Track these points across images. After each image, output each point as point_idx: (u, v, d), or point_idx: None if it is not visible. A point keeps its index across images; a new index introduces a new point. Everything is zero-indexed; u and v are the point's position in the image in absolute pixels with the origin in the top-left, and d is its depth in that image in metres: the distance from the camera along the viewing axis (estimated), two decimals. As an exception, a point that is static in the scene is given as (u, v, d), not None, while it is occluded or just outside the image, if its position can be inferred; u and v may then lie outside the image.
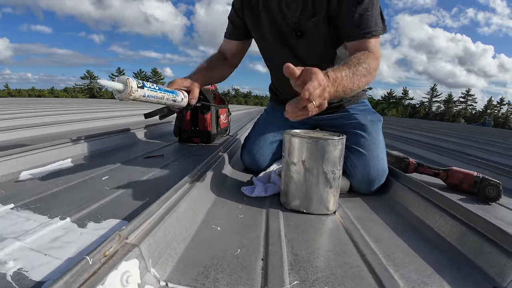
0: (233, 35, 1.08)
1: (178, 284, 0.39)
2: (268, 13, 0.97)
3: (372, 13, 0.80)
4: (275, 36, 0.99)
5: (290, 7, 0.92)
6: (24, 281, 0.39)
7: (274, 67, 1.12)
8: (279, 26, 0.97)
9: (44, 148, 1.02)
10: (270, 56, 1.09)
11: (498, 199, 0.89)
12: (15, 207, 0.64)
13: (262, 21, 0.99)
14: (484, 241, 0.50)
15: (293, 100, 0.57)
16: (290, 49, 0.99)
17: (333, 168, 0.68)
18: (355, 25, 0.81)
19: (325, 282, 0.42)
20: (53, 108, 3.80)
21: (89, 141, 1.24)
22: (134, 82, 0.63)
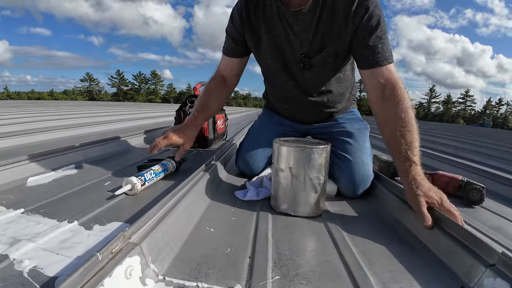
0: (233, 52, 1.02)
1: (174, 278, 0.45)
2: (272, 38, 0.94)
3: (386, 41, 0.82)
4: (278, 63, 0.98)
5: (298, 37, 0.90)
6: (39, 277, 0.44)
7: (273, 84, 1.13)
8: (284, 55, 0.96)
9: (49, 155, 1.08)
10: (270, 75, 1.09)
11: (481, 203, 0.93)
12: (25, 212, 0.69)
13: (263, 44, 0.96)
14: (455, 243, 0.54)
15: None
16: (293, 76, 1.00)
17: (318, 174, 0.74)
18: (371, 54, 0.82)
19: (303, 278, 0.48)
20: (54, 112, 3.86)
21: (91, 148, 1.30)
22: (139, 183, 0.85)
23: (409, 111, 0.76)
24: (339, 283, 0.47)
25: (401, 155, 0.72)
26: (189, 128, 1.03)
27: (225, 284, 0.44)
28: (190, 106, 1.54)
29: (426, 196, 0.66)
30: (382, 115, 0.81)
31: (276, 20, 0.90)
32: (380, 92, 0.82)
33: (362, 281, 0.47)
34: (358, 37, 0.83)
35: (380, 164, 1.25)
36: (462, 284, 0.47)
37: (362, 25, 0.81)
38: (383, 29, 0.81)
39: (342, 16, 0.83)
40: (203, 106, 1.05)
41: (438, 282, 0.49)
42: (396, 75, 0.82)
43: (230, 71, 1.07)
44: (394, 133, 0.74)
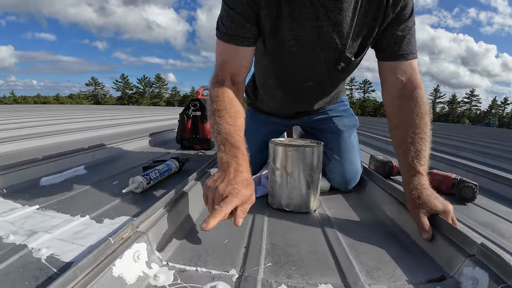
0: (244, 36, 0.72)
1: (176, 263, 0.50)
2: (295, 28, 0.74)
3: (414, 33, 0.76)
4: (297, 60, 0.81)
5: (336, 29, 0.74)
6: (56, 263, 0.50)
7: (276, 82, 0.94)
8: (312, 50, 0.79)
9: (60, 156, 1.14)
10: (278, 70, 0.89)
11: (473, 200, 0.96)
12: (40, 208, 0.76)
13: (281, 33, 0.76)
14: (438, 235, 0.56)
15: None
16: (316, 76, 0.87)
17: (311, 172, 0.79)
18: (398, 44, 0.74)
19: (293, 264, 0.53)
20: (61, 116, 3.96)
21: (98, 150, 1.37)
22: (145, 182, 0.90)
23: (425, 117, 0.70)
24: (325, 270, 0.52)
25: (407, 164, 0.68)
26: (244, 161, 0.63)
27: (221, 269, 0.49)
28: (193, 109, 1.60)
29: (427, 205, 0.61)
30: (396, 118, 0.75)
31: (306, 2, 0.70)
32: (398, 91, 0.76)
33: (347, 268, 0.51)
34: (390, 25, 0.74)
35: (376, 164, 1.29)
36: (443, 273, 0.50)
37: (397, 13, 0.72)
38: (413, 20, 0.74)
39: (380, 5, 0.72)
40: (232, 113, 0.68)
41: (420, 271, 0.51)
42: (419, 75, 0.75)
43: (240, 69, 0.76)
44: (404, 139, 0.70)
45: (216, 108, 0.68)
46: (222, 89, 0.71)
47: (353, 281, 0.47)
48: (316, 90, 0.93)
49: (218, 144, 0.65)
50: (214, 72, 0.75)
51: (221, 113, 0.67)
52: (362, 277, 0.49)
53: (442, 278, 0.49)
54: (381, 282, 0.48)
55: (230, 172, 0.58)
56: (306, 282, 0.48)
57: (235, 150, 0.62)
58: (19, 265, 0.48)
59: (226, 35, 0.72)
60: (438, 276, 0.50)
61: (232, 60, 0.74)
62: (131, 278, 0.42)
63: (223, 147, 0.63)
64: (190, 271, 0.48)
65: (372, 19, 0.74)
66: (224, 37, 0.73)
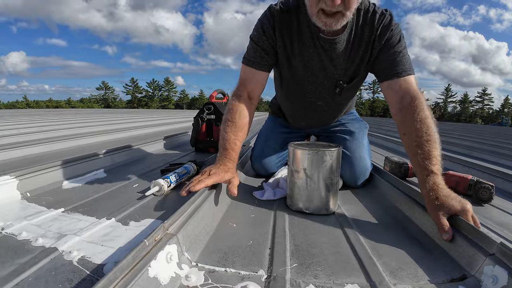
0: (263, 63, 0.96)
1: (205, 264, 0.52)
2: (303, 61, 0.96)
3: (406, 55, 0.88)
4: (307, 86, 1.02)
5: (333, 63, 0.95)
6: (88, 265, 0.51)
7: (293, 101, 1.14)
8: (316, 79, 0.99)
9: (80, 160, 1.18)
10: (295, 94, 1.09)
11: (490, 201, 0.96)
12: (65, 211, 0.78)
13: (294, 66, 0.98)
14: (458, 236, 0.57)
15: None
16: (324, 99, 1.06)
17: (331, 174, 0.80)
18: (390, 66, 0.87)
19: (318, 265, 0.54)
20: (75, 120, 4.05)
21: (116, 153, 1.40)
22: (166, 185, 0.93)
23: (426, 121, 0.77)
24: (350, 270, 0.53)
25: (419, 165, 0.73)
26: (230, 160, 0.85)
27: (249, 269, 0.51)
28: (207, 113, 1.63)
29: (445, 205, 0.63)
30: (402, 127, 0.83)
31: (310, 45, 0.92)
32: (398, 104, 0.85)
33: (370, 268, 0.53)
34: (380, 53, 0.90)
35: (392, 166, 1.29)
36: (464, 272, 0.51)
37: (384, 44, 0.88)
38: (402, 45, 0.88)
39: (368, 42, 0.90)
40: (238, 126, 0.90)
41: (441, 271, 0.53)
42: (415, 87, 0.85)
43: (256, 87, 0.98)
44: (411, 144, 0.77)
45: (227, 118, 0.91)
46: (238, 102, 0.93)
47: (379, 281, 0.48)
48: (324, 108, 1.10)
49: (219, 146, 0.89)
50: (236, 86, 0.98)
51: (230, 123, 0.89)
52: (387, 277, 0.50)
53: (463, 277, 0.50)
54: (405, 282, 0.49)
55: (218, 165, 0.82)
56: (333, 282, 0.49)
57: (228, 153, 0.86)
58: (51, 268, 0.49)
59: (249, 61, 0.96)
60: (459, 275, 0.51)
61: (251, 79, 0.97)
62: (165, 278, 0.44)
63: (221, 149, 0.87)
64: (219, 272, 0.50)
65: (363, 51, 0.92)
66: (247, 62, 0.96)
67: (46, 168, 1.01)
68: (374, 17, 0.88)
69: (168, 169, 1.14)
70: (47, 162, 1.03)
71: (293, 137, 1.28)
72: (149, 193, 0.88)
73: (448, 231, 0.60)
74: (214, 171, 0.79)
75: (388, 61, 0.88)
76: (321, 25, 0.81)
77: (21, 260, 0.51)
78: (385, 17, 0.88)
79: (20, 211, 0.76)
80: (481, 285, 0.47)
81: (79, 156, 1.19)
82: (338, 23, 0.80)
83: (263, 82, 0.99)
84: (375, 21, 0.88)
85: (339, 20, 0.79)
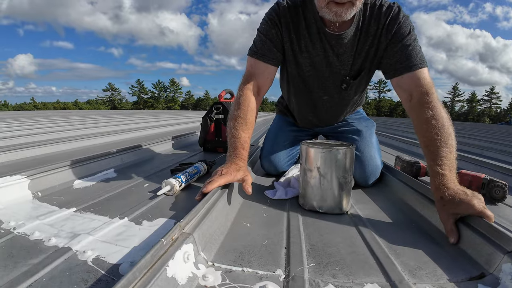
0: (272, 57, 0.93)
1: (221, 264, 0.51)
2: (310, 57, 0.96)
3: (416, 47, 0.84)
4: (314, 81, 1.01)
5: (339, 59, 0.94)
6: (103, 264, 0.51)
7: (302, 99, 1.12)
8: (322, 74, 0.99)
9: (91, 160, 1.18)
10: (301, 90, 1.08)
11: (504, 199, 0.94)
12: (77, 210, 0.77)
13: (300, 61, 0.97)
14: (475, 234, 0.57)
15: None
16: (330, 94, 1.05)
17: (344, 173, 0.78)
18: (399, 61, 0.84)
19: (336, 265, 0.53)
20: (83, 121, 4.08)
21: (126, 153, 1.40)
22: (177, 185, 0.92)
23: (435, 118, 0.74)
24: (368, 269, 0.51)
25: (428, 165, 0.73)
26: (241, 158, 0.83)
27: (267, 269, 0.50)
28: (216, 112, 1.62)
29: (450, 208, 0.62)
30: (414, 126, 0.81)
31: (316, 40, 0.91)
32: (408, 103, 0.83)
33: (389, 268, 0.51)
34: (388, 48, 0.87)
35: (403, 165, 1.27)
36: (482, 270, 0.50)
37: (392, 38, 0.86)
38: (412, 38, 0.84)
39: (375, 36, 0.88)
40: (248, 123, 0.87)
41: (460, 269, 0.52)
42: (426, 81, 0.81)
43: (265, 82, 0.95)
44: (421, 143, 0.76)
45: (237, 114, 0.87)
46: (247, 97, 0.90)
47: (398, 280, 0.47)
48: (331, 103, 1.09)
49: (229, 145, 0.86)
50: (244, 79, 0.94)
51: (240, 120, 0.86)
52: (406, 276, 0.49)
53: (482, 276, 0.49)
54: (425, 281, 0.48)
55: (229, 165, 0.80)
56: (352, 281, 0.48)
57: (238, 152, 0.83)
58: (65, 268, 0.49)
59: (257, 53, 0.93)
60: (478, 273, 0.50)
61: (259, 73, 0.94)
62: (182, 278, 0.43)
63: (231, 149, 0.84)
64: (236, 272, 0.49)
65: (369, 46, 0.90)
66: (255, 54, 0.93)
67: (57, 167, 1.01)
68: (380, 11, 0.87)
69: (178, 169, 1.14)
70: (57, 162, 1.04)
71: (302, 135, 1.28)
72: (161, 193, 0.87)
73: (453, 234, 0.60)
74: (225, 170, 0.78)
75: (396, 56, 0.85)
76: (331, 15, 0.80)
77: (34, 260, 0.51)
78: (393, 9, 0.86)
79: (31, 210, 0.76)
80: (499, 282, 0.47)
81: (89, 156, 1.19)
82: (348, 12, 0.79)
83: (271, 77, 0.96)
84: (381, 15, 0.86)
85: (349, 9, 0.78)
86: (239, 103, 0.88)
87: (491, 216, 0.58)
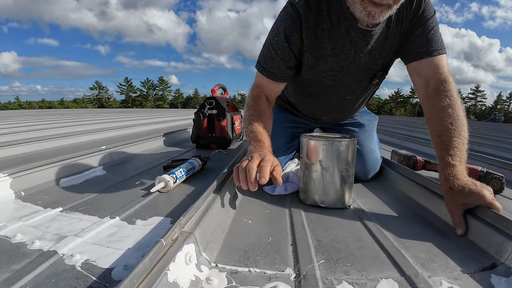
0: (282, 76, 0.88)
1: (225, 264, 0.47)
2: (338, 62, 0.86)
3: (437, 32, 0.79)
4: (340, 83, 0.92)
5: (371, 55, 0.85)
6: (94, 269, 0.45)
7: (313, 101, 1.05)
8: (351, 74, 0.89)
9: (78, 157, 1.12)
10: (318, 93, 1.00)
11: (501, 191, 0.94)
12: (64, 210, 0.72)
13: (325, 66, 0.87)
14: (483, 225, 0.56)
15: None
16: (353, 92, 0.97)
17: (347, 166, 0.76)
18: (420, 45, 0.79)
19: (346, 261, 0.50)
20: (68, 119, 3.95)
21: (115, 150, 1.34)
22: (172, 181, 0.88)
23: (451, 107, 0.72)
24: (380, 264, 0.49)
25: (439, 156, 0.70)
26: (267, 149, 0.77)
27: (275, 268, 0.46)
28: (209, 108, 1.57)
29: (460, 199, 0.61)
30: (426, 114, 0.78)
31: (346, 41, 0.81)
32: (424, 90, 0.80)
33: (402, 262, 0.49)
34: (410, 32, 0.81)
35: (400, 159, 1.26)
36: (494, 261, 0.49)
37: (418, 19, 0.79)
38: (434, 21, 0.79)
39: (404, 22, 0.80)
40: (263, 119, 0.85)
41: (471, 260, 0.50)
42: (445, 69, 0.78)
43: (273, 93, 0.94)
44: (433, 133, 0.74)
45: (252, 113, 0.85)
46: (258, 101, 0.88)
47: (414, 274, 0.45)
48: (351, 102, 1.03)
49: (249, 140, 0.80)
50: (253, 86, 0.92)
51: (256, 118, 0.84)
52: (419, 269, 0.47)
53: (494, 266, 0.48)
54: (439, 274, 0.46)
55: (257, 156, 0.70)
56: (366, 277, 0.45)
57: (261, 144, 0.77)
58: (51, 274, 0.44)
59: (266, 71, 0.87)
60: (489, 264, 0.49)
61: (268, 86, 0.91)
62: (185, 283, 0.39)
63: (253, 142, 0.78)
64: (242, 272, 0.45)
65: (398, 34, 0.82)
66: (264, 72, 0.88)
67: (41, 165, 0.95)
68: None
69: (171, 165, 1.09)
70: (42, 160, 0.98)
71: (300, 131, 1.23)
72: (154, 190, 0.83)
73: (461, 225, 0.59)
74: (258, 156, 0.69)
75: (417, 40, 0.79)
76: (363, 14, 0.71)
77: (16, 266, 0.46)
78: None
79: (14, 211, 0.70)
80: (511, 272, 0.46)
81: (76, 153, 1.13)
82: (382, 15, 0.70)
83: (280, 89, 0.94)
84: (413, 2, 0.78)
85: (384, 11, 0.69)
86: (251, 105, 0.87)
87: (500, 207, 0.57)
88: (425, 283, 0.42)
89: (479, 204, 0.59)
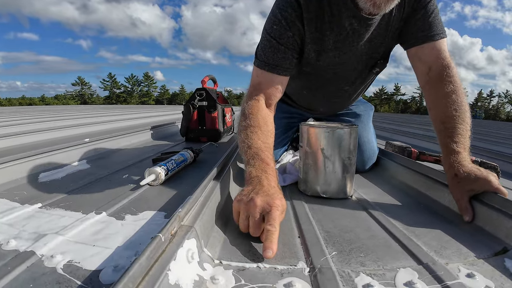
0: (287, 67, 0.77)
1: (230, 261, 0.42)
2: (341, 55, 0.81)
3: (437, 16, 0.76)
4: (340, 74, 0.88)
5: (372, 43, 0.80)
6: (78, 272, 0.39)
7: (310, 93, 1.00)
8: (353, 65, 0.85)
9: (60, 150, 1.04)
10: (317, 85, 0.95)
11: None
12: (43, 206, 0.65)
13: (326, 59, 0.81)
14: (491, 210, 0.55)
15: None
16: (353, 83, 0.93)
17: (349, 154, 0.72)
18: (420, 29, 0.75)
19: (360, 251, 0.46)
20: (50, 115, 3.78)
21: (100, 143, 1.27)
22: (163, 173, 0.82)
23: (455, 94, 0.70)
24: (395, 254, 0.46)
25: (442, 143, 0.69)
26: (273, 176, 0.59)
27: (285, 263, 0.42)
28: (199, 99, 1.51)
29: (465, 185, 0.60)
30: (428, 101, 0.77)
31: (348, 32, 0.76)
32: (426, 76, 0.77)
33: (416, 250, 0.47)
34: (410, 17, 0.77)
35: (394, 150, 1.26)
36: (504, 245, 0.48)
37: (418, 2, 0.74)
38: (434, 4, 0.75)
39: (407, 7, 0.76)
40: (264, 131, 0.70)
41: (483, 246, 0.49)
42: (447, 54, 0.75)
43: (275, 93, 0.79)
44: (436, 119, 0.72)
45: (249, 123, 0.69)
46: (257, 107, 0.73)
47: (431, 262, 0.43)
48: (349, 92, 0.98)
49: (247, 159, 0.63)
50: (249, 90, 0.78)
51: (255, 129, 0.68)
52: (434, 257, 0.45)
53: (506, 250, 0.47)
54: (454, 260, 0.45)
55: (263, 185, 0.54)
56: (383, 268, 0.42)
57: (264, 165, 0.60)
58: (28, 278, 0.38)
59: (268, 64, 0.75)
60: (500, 248, 0.48)
61: (269, 84, 0.77)
62: (188, 284, 0.34)
63: (253, 162, 0.61)
64: (251, 269, 0.40)
65: (401, 19, 0.77)
66: (265, 66, 0.76)
67: (18, 158, 0.87)
68: None
69: (161, 158, 1.03)
70: (19, 153, 0.90)
71: (294, 121, 1.20)
72: (144, 183, 0.77)
73: (468, 212, 0.58)
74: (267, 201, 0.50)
75: (418, 24, 0.75)
76: (368, 5, 0.66)
77: (-12, 269, 0.39)
78: None
79: (-14, 208, 0.62)
80: None
81: (58, 146, 1.05)
82: (388, 5, 0.66)
83: (284, 86, 0.80)
84: None
85: (390, 2, 0.65)
86: (248, 113, 0.72)
87: (506, 192, 0.56)
88: (444, 270, 0.40)
89: (486, 190, 0.58)
